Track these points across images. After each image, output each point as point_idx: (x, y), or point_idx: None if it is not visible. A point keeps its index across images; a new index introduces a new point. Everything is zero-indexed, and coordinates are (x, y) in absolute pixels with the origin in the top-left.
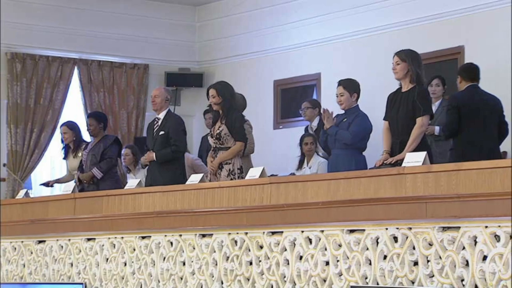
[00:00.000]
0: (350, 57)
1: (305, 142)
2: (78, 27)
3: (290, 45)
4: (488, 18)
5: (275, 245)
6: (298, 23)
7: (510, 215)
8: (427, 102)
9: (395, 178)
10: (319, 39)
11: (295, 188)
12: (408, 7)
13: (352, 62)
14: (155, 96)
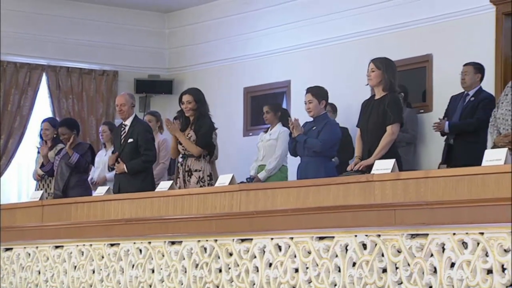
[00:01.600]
0: (319, 64)
1: (263, 111)
2: (47, 33)
3: (260, 53)
4: (455, 27)
5: (245, 252)
6: (268, 30)
7: (477, 223)
8: (398, 110)
9: (364, 185)
10: (289, 46)
11: (264, 195)
12: (378, 16)
13: (322, 70)
14: (122, 105)
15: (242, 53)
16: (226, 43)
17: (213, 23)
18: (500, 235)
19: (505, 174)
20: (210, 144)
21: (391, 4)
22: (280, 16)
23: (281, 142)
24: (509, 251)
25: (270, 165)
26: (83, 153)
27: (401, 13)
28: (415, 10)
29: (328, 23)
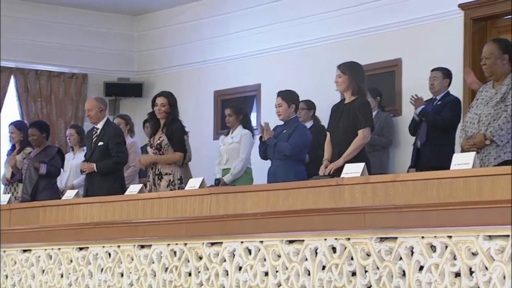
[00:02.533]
0: (290, 68)
1: (225, 114)
2: (15, 35)
3: (230, 56)
4: (424, 32)
5: (215, 255)
6: (238, 34)
7: (445, 226)
8: (368, 115)
9: (334, 189)
10: (259, 50)
11: (234, 198)
12: (347, 20)
13: (292, 74)
14: (89, 110)
15: (212, 56)
16: (196, 47)
17: (183, 26)
18: (468, 239)
19: (473, 178)
20: (185, 148)
21: (361, 9)
22: (250, 20)
23: (244, 144)
24: (476, 254)
25: (235, 168)
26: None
27: (371, 17)
28: (385, 15)
29: (298, 27)
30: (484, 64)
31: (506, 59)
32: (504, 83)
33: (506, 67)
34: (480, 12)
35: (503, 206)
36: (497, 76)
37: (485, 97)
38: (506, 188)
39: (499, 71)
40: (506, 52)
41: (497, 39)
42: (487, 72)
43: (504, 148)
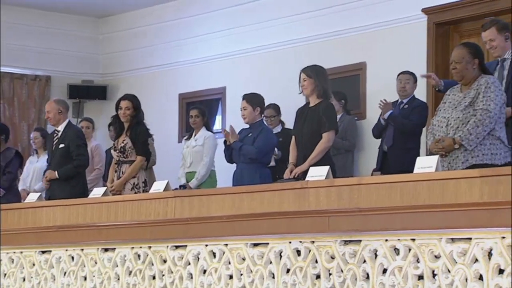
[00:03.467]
0: (255, 71)
1: (190, 115)
2: None
3: (196, 59)
4: (388, 36)
5: (179, 259)
6: (203, 37)
7: (409, 229)
8: (333, 118)
9: (299, 192)
10: (225, 52)
11: (199, 202)
12: (313, 23)
13: (258, 77)
14: (48, 112)
15: (177, 59)
16: (161, 49)
17: (147, 28)
18: (431, 242)
19: (436, 181)
20: (148, 151)
21: (326, 12)
22: (215, 23)
23: (208, 147)
24: (439, 257)
25: (200, 172)
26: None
27: (336, 21)
28: (350, 19)
29: (264, 30)
30: (455, 68)
31: (476, 64)
32: (473, 87)
33: (476, 71)
34: (443, 17)
35: (465, 209)
36: (467, 80)
37: (453, 101)
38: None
39: (469, 75)
40: (476, 57)
41: (466, 44)
42: (458, 76)
43: (472, 152)
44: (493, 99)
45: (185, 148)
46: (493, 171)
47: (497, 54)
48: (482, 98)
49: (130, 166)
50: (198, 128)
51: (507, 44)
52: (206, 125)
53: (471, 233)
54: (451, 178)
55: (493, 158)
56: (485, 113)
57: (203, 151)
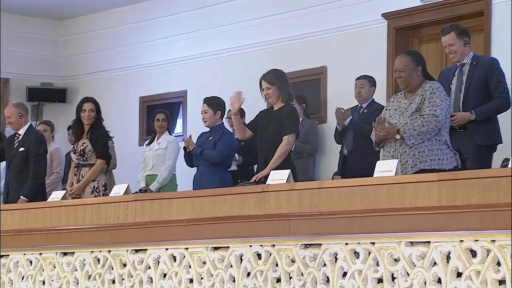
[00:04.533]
0: (216, 75)
1: (157, 118)
2: None
3: (156, 62)
4: (349, 40)
5: (139, 263)
6: (164, 40)
7: (369, 232)
8: (295, 121)
9: (259, 195)
10: (186, 56)
11: (160, 205)
12: (274, 27)
13: (219, 80)
14: (9, 117)
15: (138, 62)
16: (122, 52)
17: (108, 31)
18: (390, 245)
19: (396, 185)
20: (108, 154)
21: (287, 16)
22: (177, 26)
23: (170, 151)
24: (398, 261)
25: (162, 175)
26: None
27: (297, 25)
28: (311, 23)
29: (224, 33)
30: (399, 77)
31: (419, 70)
32: (418, 93)
33: (420, 78)
34: (402, 22)
35: (424, 213)
36: (412, 87)
37: (398, 108)
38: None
39: (414, 82)
40: (419, 64)
41: (408, 52)
42: (403, 84)
43: (420, 157)
44: (438, 104)
45: (147, 152)
46: (451, 175)
47: (456, 59)
48: (428, 103)
49: (90, 170)
50: (162, 132)
51: (466, 49)
52: (169, 130)
53: (430, 236)
54: (410, 182)
55: (440, 163)
56: (433, 118)
57: (165, 154)
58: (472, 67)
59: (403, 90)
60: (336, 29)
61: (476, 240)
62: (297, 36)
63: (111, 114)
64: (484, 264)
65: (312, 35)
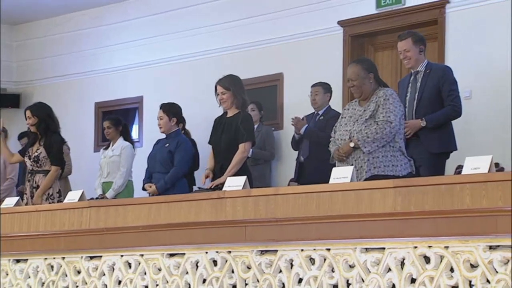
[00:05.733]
0: (173, 81)
1: (104, 126)
2: None
3: (112, 68)
4: (305, 47)
5: (93, 270)
6: (120, 45)
7: (324, 239)
8: (250, 129)
9: (216, 202)
10: (142, 62)
11: (115, 211)
12: (231, 33)
13: (175, 86)
14: None
15: (94, 67)
16: (77, 57)
17: (64, 36)
18: (346, 251)
19: (351, 191)
20: (63, 160)
21: (244, 23)
22: (133, 32)
23: (124, 158)
24: (354, 267)
25: (117, 183)
26: None
27: (254, 31)
28: (267, 29)
29: (181, 39)
30: (352, 86)
31: (371, 78)
32: (372, 100)
33: (372, 85)
34: (358, 29)
35: (379, 219)
36: (365, 95)
37: (353, 115)
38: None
39: (367, 90)
40: (370, 71)
41: (359, 60)
42: (357, 93)
43: (375, 163)
44: (392, 110)
45: (102, 158)
46: (406, 182)
47: (410, 65)
48: (382, 110)
49: (44, 177)
50: (114, 139)
51: (421, 57)
52: (124, 135)
53: (385, 243)
54: (366, 189)
55: (394, 169)
56: (387, 124)
57: (120, 161)
58: (425, 75)
59: (358, 98)
60: (293, 36)
61: (430, 246)
62: (254, 43)
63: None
64: (438, 270)
65: (269, 42)
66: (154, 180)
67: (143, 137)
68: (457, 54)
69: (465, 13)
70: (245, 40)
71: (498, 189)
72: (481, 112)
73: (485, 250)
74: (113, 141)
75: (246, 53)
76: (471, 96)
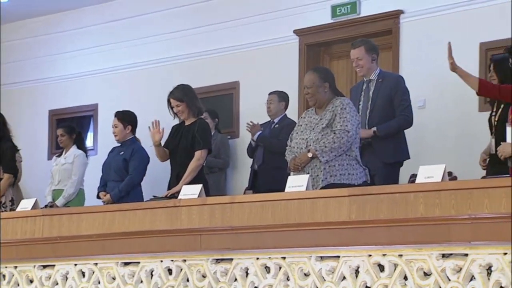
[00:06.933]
0: (128, 88)
1: (57, 134)
2: None
3: (67, 75)
4: (261, 56)
5: (46, 279)
6: (75, 53)
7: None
8: (206, 136)
9: (171, 210)
10: (97, 69)
11: (69, 220)
12: (186, 41)
13: (131, 94)
14: None
15: (48, 74)
16: (31, 64)
17: (17, 43)
18: (301, 260)
19: (307, 200)
20: (15, 168)
21: (200, 31)
22: (88, 39)
23: (77, 166)
24: (309, 275)
25: (68, 191)
26: None
27: (209, 39)
28: (224, 38)
29: (137, 47)
30: (307, 93)
31: (327, 87)
32: (328, 109)
33: (328, 94)
34: (314, 39)
35: (334, 227)
36: (320, 103)
37: (309, 123)
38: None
39: (322, 98)
40: (326, 80)
41: (316, 69)
42: (311, 100)
43: (331, 171)
44: (349, 119)
45: (54, 166)
46: (361, 191)
47: (362, 73)
48: (339, 119)
49: None
50: (67, 147)
51: (373, 65)
52: (78, 143)
53: (340, 251)
54: (321, 197)
55: (350, 178)
56: (345, 133)
57: (72, 169)
58: (378, 83)
59: (313, 106)
60: (249, 44)
61: (384, 254)
62: (210, 51)
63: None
64: (392, 278)
65: (225, 50)
66: (108, 189)
67: (97, 145)
68: (412, 64)
69: (419, 23)
70: (201, 48)
71: (451, 197)
72: (435, 121)
73: (438, 258)
74: (66, 149)
75: (202, 61)
76: (425, 105)
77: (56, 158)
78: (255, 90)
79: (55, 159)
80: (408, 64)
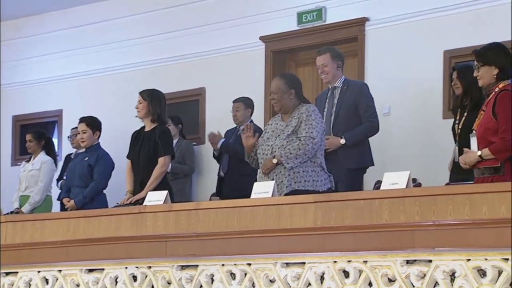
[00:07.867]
0: (93, 94)
1: (25, 139)
2: None
3: (31, 80)
4: (227, 62)
5: (9, 286)
6: (39, 58)
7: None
8: (168, 142)
9: (136, 216)
10: (62, 75)
11: (32, 226)
12: (153, 47)
13: (95, 100)
14: None
15: (12, 80)
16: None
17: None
18: (266, 266)
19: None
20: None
21: (166, 37)
22: (52, 44)
23: (44, 172)
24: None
25: (34, 197)
26: None
27: (176, 46)
28: (189, 44)
29: (101, 53)
30: (273, 99)
31: (293, 94)
32: (294, 115)
33: (293, 101)
34: (280, 45)
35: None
36: (285, 109)
37: (275, 130)
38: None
39: (287, 105)
40: (292, 87)
41: (282, 75)
42: (277, 106)
43: (295, 177)
44: (315, 126)
45: (22, 172)
46: (327, 197)
47: (327, 80)
48: (305, 126)
49: None
50: (35, 152)
51: (338, 72)
52: (46, 149)
53: (305, 257)
54: (287, 204)
55: (314, 184)
56: (310, 140)
57: (39, 175)
58: (343, 90)
59: (278, 112)
60: (215, 50)
61: (349, 261)
62: (176, 57)
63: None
64: (357, 284)
65: (191, 56)
66: (72, 195)
67: (62, 151)
68: (377, 71)
69: (384, 31)
70: (167, 54)
71: (416, 204)
72: (400, 128)
73: (402, 265)
74: (34, 155)
75: (168, 67)
76: (390, 113)
77: (24, 163)
78: (221, 96)
79: (24, 164)
80: (373, 71)
